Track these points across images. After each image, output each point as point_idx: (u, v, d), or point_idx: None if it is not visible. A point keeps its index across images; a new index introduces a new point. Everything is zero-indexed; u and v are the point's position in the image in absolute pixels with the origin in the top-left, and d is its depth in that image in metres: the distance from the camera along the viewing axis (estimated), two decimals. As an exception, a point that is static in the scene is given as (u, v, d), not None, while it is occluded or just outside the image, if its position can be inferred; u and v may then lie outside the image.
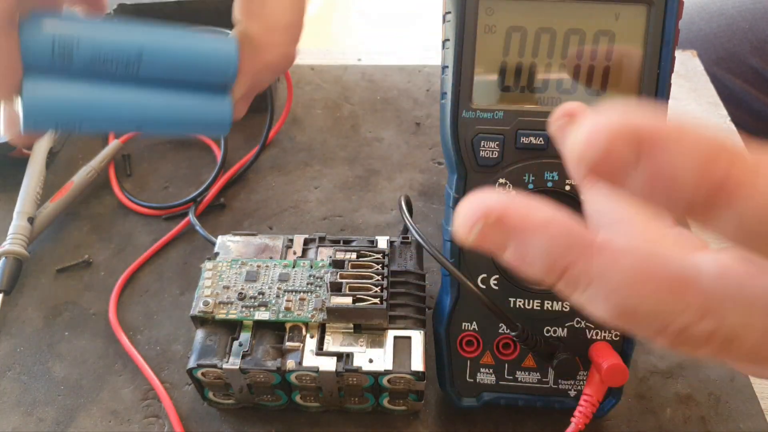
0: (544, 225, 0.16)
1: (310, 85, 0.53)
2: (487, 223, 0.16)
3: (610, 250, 0.16)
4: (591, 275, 0.15)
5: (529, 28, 0.26)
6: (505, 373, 0.30)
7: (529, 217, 0.16)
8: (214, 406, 0.33)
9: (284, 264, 0.32)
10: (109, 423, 0.32)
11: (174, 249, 0.41)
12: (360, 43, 1.71)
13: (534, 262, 0.16)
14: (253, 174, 0.46)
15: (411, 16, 1.79)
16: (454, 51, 0.27)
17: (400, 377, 0.29)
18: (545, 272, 0.16)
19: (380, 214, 0.43)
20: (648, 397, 0.33)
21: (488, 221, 0.16)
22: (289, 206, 0.43)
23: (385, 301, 0.30)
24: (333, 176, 0.45)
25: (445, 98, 0.27)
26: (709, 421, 0.32)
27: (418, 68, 0.55)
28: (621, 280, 0.15)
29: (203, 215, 0.43)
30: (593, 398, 0.28)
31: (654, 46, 0.26)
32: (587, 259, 0.16)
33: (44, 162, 0.43)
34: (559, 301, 0.29)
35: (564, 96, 0.27)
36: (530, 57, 0.27)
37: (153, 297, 0.38)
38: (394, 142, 0.48)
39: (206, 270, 0.32)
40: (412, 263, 0.33)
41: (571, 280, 0.16)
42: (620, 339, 0.29)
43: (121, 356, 0.35)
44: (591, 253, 0.16)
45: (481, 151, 0.27)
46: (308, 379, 0.29)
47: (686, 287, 0.15)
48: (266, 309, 0.31)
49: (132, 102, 0.27)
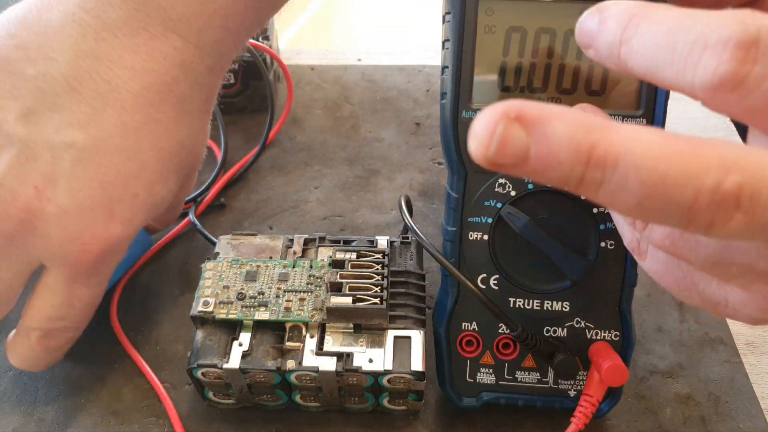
0: (562, 113, 0.16)
1: (310, 85, 0.53)
2: (508, 121, 0.16)
3: (626, 126, 0.16)
4: (617, 150, 0.15)
5: (529, 28, 0.26)
6: (505, 373, 0.30)
7: (545, 108, 0.16)
8: (214, 406, 0.33)
9: (284, 264, 0.32)
10: (109, 423, 0.32)
11: (174, 249, 0.41)
12: (360, 43, 1.71)
13: (560, 150, 0.16)
14: (253, 174, 0.46)
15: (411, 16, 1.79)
16: (453, 51, 0.27)
17: (400, 377, 0.29)
18: (573, 158, 0.16)
19: (380, 214, 0.43)
20: (648, 397, 0.33)
21: (509, 119, 0.16)
22: (289, 206, 0.43)
23: (385, 301, 0.30)
24: (333, 176, 0.45)
25: (445, 98, 0.27)
26: (709, 421, 0.32)
27: (418, 68, 0.55)
28: (646, 148, 0.15)
29: (203, 215, 0.43)
30: (593, 398, 0.28)
31: (654, 46, 0.26)
32: (611, 134, 0.16)
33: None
34: (559, 301, 0.29)
35: (564, 96, 0.27)
36: (530, 57, 0.27)
37: (153, 297, 0.38)
38: (394, 142, 0.48)
39: (206, 270, 0.32)
40: (412, 263, 0.33)
41: (600, 159, 0.15)
42: (620, 339, 0.29)
43: (121, 356, 0.35)
44: (611, 128, 0.16)
45: (481, 151, 0.27)
46: (308, 379, 0.29)
47: (704, 148, 0.15)
48: (266, 309, 0.31)
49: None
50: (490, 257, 0.28)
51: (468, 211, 0.28)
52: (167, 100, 0.31)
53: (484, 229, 0.28)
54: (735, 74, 0.16)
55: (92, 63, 0.29)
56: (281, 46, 0.54)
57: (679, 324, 0.36)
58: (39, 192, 0.28)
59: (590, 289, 0.29)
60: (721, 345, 0.35)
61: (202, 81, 0.32)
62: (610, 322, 0.29)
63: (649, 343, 0.35)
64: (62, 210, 0.28)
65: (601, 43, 0.19)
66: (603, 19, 0.19)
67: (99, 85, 0.29)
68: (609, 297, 0.29)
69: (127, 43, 0.29)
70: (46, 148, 0.28)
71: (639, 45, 0.18)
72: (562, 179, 0.16)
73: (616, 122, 0.16)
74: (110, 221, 0.29)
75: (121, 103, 0.29)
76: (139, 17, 0.29)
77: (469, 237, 0.29)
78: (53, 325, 0.30)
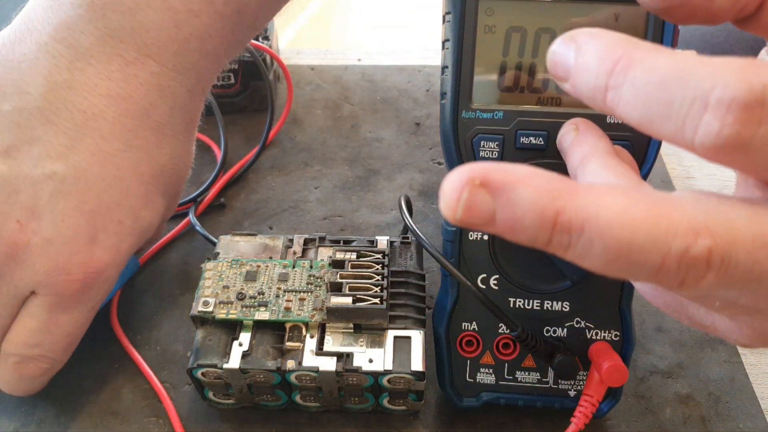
0: (527, 177, 0.16)
1: (310, 85, 0.53)
2: (473, 188, 0.16)
3: (593, 189, 0.16)
4: (582, 216, 0.15)
5: (529, 28, 0.26)
6: (505, 373, 0.30)
7: (511, 173, 0.16)
8: (214, 406, 0.33)
9: (284, 264, 0.32)
10: (109, 423, 0.32)
11: (174, 249, 0.41)
12: (360, 43, 1.71)
13: (525, 217, 0.16)
14: (253, 174, 0.46)
15: (411, 16, 1.79)
16: (453, 51, 0.27)
17: (400, 377, 0.29)
18: (538, 225, 0.16)
19: (380, 214, 0.43)
20: (648, 397, 0.33)
21: (473, 186, 0.16)
22: (289, 206, 0.43)
23: (385, 301, 0.30)
24: (333, 176, 0.45)
25: (445, 98, 0.27)
26: (709, 421, 0.32)
27: (418, 68, 0.55)
28: (611, 215, 0.15)
29: (203, 215, 0.43)
30: (593, 398, 0.28)
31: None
32: (576, 200, 0.16)
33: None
34: (559, 301, 0.29)
35: (564, 96, 0.27)
36: (530, 57, 0.27)
37: (153, 297, 0.38)
38: (394, 142, 0.48)
39: (206, 270, 0.32)
40: (412, 263, 0.33)
41: (565, 226, 0.16)
42: (620, 339, 0.29)
43: (121, 356, 0.35)
44: (578, 194, 0.16)
45: (480, 151, 0.27)
46: (308, 379, 0.29)
47: (671, 210, 0.15)
48: (266, 309, 0.31)
49: None
50: (490, 257, 0.28)
51: (468, 211, 0.28)
52: (146, 125, 0.31)
53: (484, 229, 0.28)
54: (739, 137, 0.15)
55: (67, 93, 0.29)
56: (281, 46, 0.54)
57: (679, 324, 0.36)
58: (22, 226, 0.28)
59: (590, 289, 0.29)
60: (721, 345, 0.35)
61: (183, 104, 0.32)
62: (610, 322, 0.29)
63: (649, 343, 0.35)
64: (46, 241, 0.28)
65: (581, 84, 0.18)
66: (580, 52, 0.18)
67: (75, 116, 0.29)
68: (609, 297, 0.29)
69: (101, 71, 0.29)
70: (26, 181, 0.28)
71: (629, 95, 0.16)
72: (529, 241, 0.16)
73: (584, 185, 0.16)
74: (95, 249, 0.29)
75: (99, 131, 0.29)
76: (112, 44, 0.29)
77: (469, 237, 0.28)
78: (29, 352, 0.30)
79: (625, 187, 0.16)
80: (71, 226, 0.29)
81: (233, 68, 0.47)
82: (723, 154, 0.15)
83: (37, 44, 0.29)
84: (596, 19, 0.26)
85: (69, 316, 0.30)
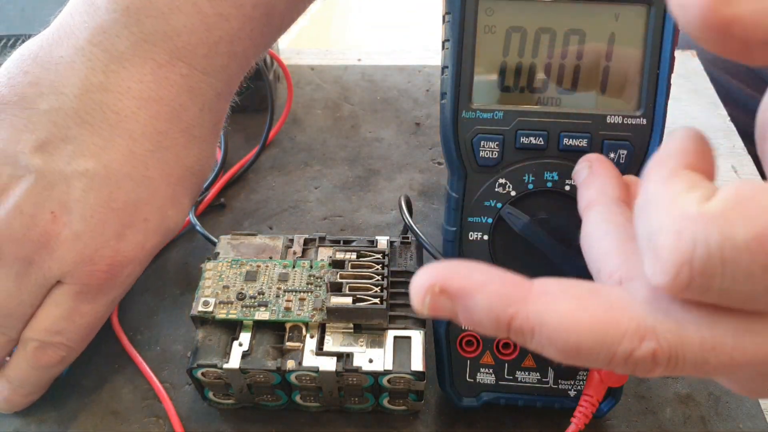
0: (482, 285, 0.17)
1: (310, 85, 0.53)
2: (433, 294, 0.18)
3: (545, 294, 0.18)
4: (532, 322, 0.17)
5: (529, 29, 0.26)
6: (505, 373, 0.30)
7: (468, 280, 0.18)
8: (214, 406, 0.33)
9: (284, 264, 0.32)
10: (109, 423, 0.32)
11: (174, 249, 0.41)
12: (360, 43, 1.71)
13: (482, 320, 0.18)
14: (253, 174, 0.46)
15: (411, 16, 1.79)
16: (453, 51, 0.27)
17: (400, 377, 0.29)
18: (494, 328, 0.17)
19: (380, 214, 0.43)
20: (648, 397, 0.33)
21: (434, 292, 0.18)
22: (289, 206, 0.43)
23: (385, 301, 0.30)
24: (333, 176, 0.45)
25: (445, 98, 0.27)
26: (709, 421, 0.32)
27: (418, 68, 0.55)
28: (559, 321, 0.17)
29: (203, 215, 0.43)
30: (593, 398, 0.28)
31: (654, 46, 0.26)
32: (526, 307, 0.17)
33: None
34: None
35: (564, 96, 0.27)
36: (530, 57, 0.27)
37: (153, 297, 0.38)
38: (394, 142, 0.48)
39: (206, 270, 0.32)
40: (412, 263, 0.33)
41: (518, 330, 0.17)
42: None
43: (121, 356, 0.35)
44: (529, 300, 0.17)
45: (480, 151, 0.27)
46: (308, 379, 0.29)
47: (620, 316, 0.17)
48: (266, 309, 0.31)
49: None
50: (490, 257, 0.28)
51: (468, 211, 0.28)
52: (176, 127, 0.32)
53: (484, 229, 0.28)
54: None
55: (101, 95, 0.30)
56: (281, 46, 0.54)
57: (679, 324, 0.36)
58: (56, 217, 0.29)
59: (590, 289, 0.28)
60: (721, 345, 0.35)
61: (211, 106, 0.33)
62: (610, 322, 0.29)
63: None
64: (76, 234, 0.30)
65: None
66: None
67: (108, 117, 0.30)
68: (609, 297, 0.29)
69: (134, 73, 0.30)
70: (60, 176, 0.29)
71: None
72: (491, 336, 0.19)
73: (538, 289, 0.18)
74: (121, 244, 0.31)
75: (130, 132, 0.30)
76: (146, 47, 0.30)
77: (469, 237, 0.28)
78: (50, 339, 0.31)
79: (578, 291, 0.18)
80: (100, 221, 0.30)
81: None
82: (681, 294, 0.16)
83: (73, 47, 0.30)
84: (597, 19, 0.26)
85: (91, 307, 0.31)
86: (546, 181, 0.28)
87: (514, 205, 0.28)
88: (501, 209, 0.28)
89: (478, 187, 0.28)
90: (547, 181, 0.27)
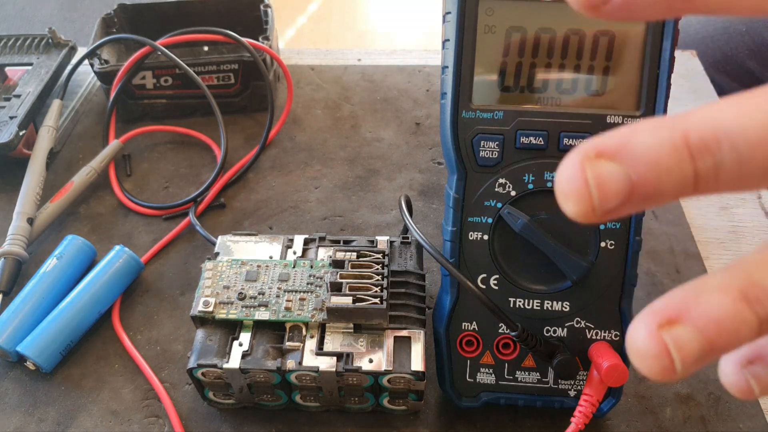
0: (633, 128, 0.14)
1: (310, 85, 0.53)
2: (592, 162, 0.14)
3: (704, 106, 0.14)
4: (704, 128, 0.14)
5: (529, 28, 0.26)
6: (505, 373, 0.30)
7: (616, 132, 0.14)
8: (214, 406, 0.33)
9: (284, 264, 0.32)
10: (109, 423, 0.32)
11: (174, 249, 0.41)
12: (360, 43, 1.71)
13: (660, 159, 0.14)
14: (253, 174, 0.46)
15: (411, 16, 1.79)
16: (454, 51, 0.27)
17: (400, 377, 0.29)
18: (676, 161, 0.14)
19: (380, 214, 0.43)
20: (648, 397, 0.33)
21: (591, 161, 0.14)
22: (289, 206, 0.43)
23: (385, 301, 0.30)
24: (333, 176, 0.45)
25: (445, 98, 0.27)
26: (709, 421, 0.32)
27: (418, 68, 0.55)
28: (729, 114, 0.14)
29: (203, 215, 0.43)
30: (593, 398, 0.28)
31: (654, 46, 0.26)
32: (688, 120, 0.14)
33: (44, 162, 0.44)
34: (559, 301, 0.29)
35: (564, 96, 0.27)
36: (530, 57, 0.27)
37: (153, 297, 0.38)
38: (394, 142, 0.48)
39: (206, 270, 0.32)
40: (412, 263, 0.33)
41: (699, 147, 0.14)
42: (620, 339, 0.29)
43: (121, 356, 0.35)
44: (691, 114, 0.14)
45: (480, 151, 0.27)
46: (308, 379, 0.29)
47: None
48: (266, 309, 0.31)
49: None
50: (490, 257, 0.28)
51: (468, 211, 0.28)
52: None
53: (484, 229, 0.28)
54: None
55: None
56: (281, 46, 0.54)
57: (679, 324, 0.36)
58: None
59: (590, 289, 0.29)
60: (721, 345, 0.35)
61: None
62: (610, 322, 0.29)
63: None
64: None
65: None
66: None
67: None
68: (609, 297, 0.29)
69: None
70: None
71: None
72: (677, 186, 0.14)
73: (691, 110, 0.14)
74: None
75: None
76: None
77: (469, 237, 0.29)
78: None
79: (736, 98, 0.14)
80: None
81: (233, 68, 0.47)
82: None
83: None
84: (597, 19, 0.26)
85: None
86: (546, 181, 0.28)
87: (514, 205, 0.28)
88: (501, 209, 0.28)
89: (478, 187, 0.28)
90: (547, 181, 0.27)
